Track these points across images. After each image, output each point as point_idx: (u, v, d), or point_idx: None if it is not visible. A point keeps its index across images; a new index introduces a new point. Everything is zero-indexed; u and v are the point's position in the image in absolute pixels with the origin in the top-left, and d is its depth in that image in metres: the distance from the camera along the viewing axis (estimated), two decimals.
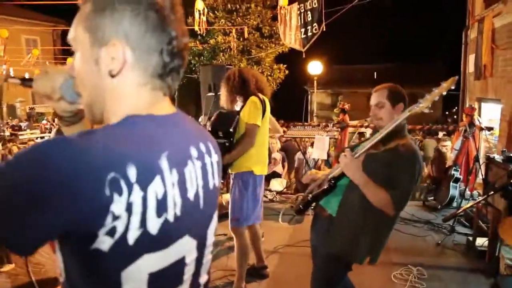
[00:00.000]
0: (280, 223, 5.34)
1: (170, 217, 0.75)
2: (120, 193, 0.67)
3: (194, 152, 0.86)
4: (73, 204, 0.64)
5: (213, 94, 4.74)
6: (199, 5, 9.24)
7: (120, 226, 0.68)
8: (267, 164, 3.60)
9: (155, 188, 0.72)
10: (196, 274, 0.90)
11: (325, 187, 2.22)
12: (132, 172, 0.69)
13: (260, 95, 3.37)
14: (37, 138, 14.32)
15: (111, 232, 0.68)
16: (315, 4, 7.21)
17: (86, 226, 0.67)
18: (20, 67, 18.74)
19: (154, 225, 0.72)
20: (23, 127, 18.31)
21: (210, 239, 0.93)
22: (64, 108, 1.07)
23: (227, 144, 3.31)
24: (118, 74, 0.78)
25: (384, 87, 2.32)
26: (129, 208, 0.68)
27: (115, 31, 0.77)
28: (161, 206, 0.73)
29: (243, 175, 3.36)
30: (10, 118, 22.51)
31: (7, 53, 14.98)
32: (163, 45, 0.79)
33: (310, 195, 2.33)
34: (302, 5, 7.44)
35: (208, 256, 0.94)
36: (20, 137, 13.88)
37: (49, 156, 0.65)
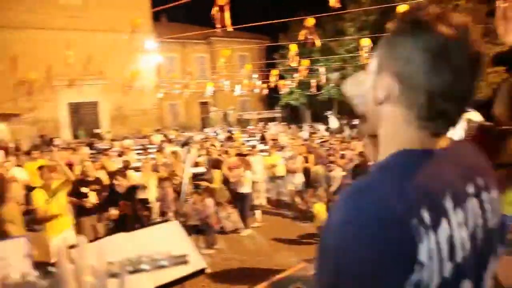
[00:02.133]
0: None
1: (459, 259, 0.71)
2: (422, 240, 0.64)
3: (471, 189, 0.80)
4: (390, 266, 0.63)
5: None
6: (402, 6, 9.01)
7: (425, 276, 0.65)
8: None
9: (444, 230, 0.69)
10: None
11: None
12: (426, 216, 0.66)
13: None
14: (246, 141, 16.40)
15: (417, 284, 0.65)
16: None
17: (395, 282, 0.64)
18: (235, 80, 21.72)
19: (448, 271, 0.69)
20: (233, 131, 21.17)
21: (486, 282, 0.84)
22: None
23: None
24: (383, 103, 0.79)
25: None
26: (430, 255, 0.65)
27: (390, 62, 0.77)
28: (451, 249, 0.70)
29: None
30: (224, 123, 26.32)
31: (225, 69, 17.54)
32: (435, 88, 0.73)
33: None
34: None
35: None
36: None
37: (357, 229, 0.65)
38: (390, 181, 0.70)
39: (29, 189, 6.98)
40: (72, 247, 1.99)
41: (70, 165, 9.17)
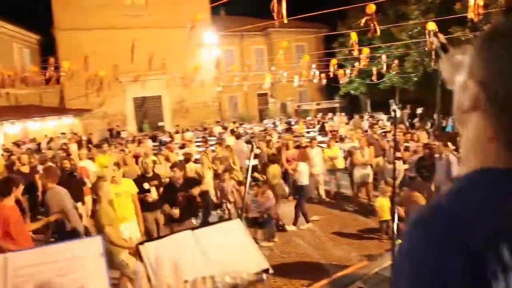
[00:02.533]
0: None
1: None
2: (497, 281, 0.55)
3: None
4: None
5: None
6: None
7: None
8: None
9: None
10: None
11: None
12: (506, 253, 0.57)
13: None
14: (306, 132, 16.26)
15: None
16: None
17: None
18: (293, 71, 21.54)
19: None
20: (292, 122, 21.05)
21: None
22: None
23: None
24: (467, 112, 0.70)
25: None
26: None
27: (478, 70, 0.68)
28: None
29: None
30: (282, 114, 26.25)
31: (283, 60, 17.42)
32: None
33: None
34: None
35: None
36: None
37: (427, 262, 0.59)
38: (467, 207, 0.62)
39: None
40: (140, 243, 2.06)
41: (136, 157, 9.67)
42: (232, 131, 16.21)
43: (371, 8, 10.10)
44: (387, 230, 6.40)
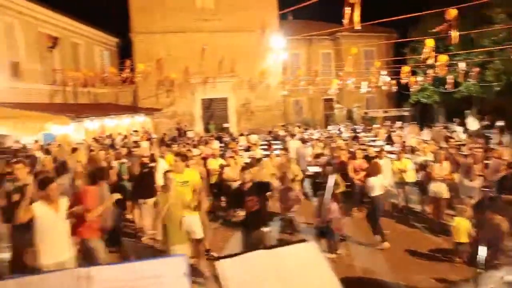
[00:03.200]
0: None
1: None
2: None
3: None
4: None
5: None
6: None
7: None
8: None
9: None
10: None
11: None
12: None
13: None
14: (370, 141, 15.67)
15: None
16: None
17: None
18: (361, 77, 20.99)
19: None
20: (357, 130, 20.45)
21: None
22: None
23: None
24: None
25: None
26: None
27: None
28: None
29: None
30: (347, 121, 25.62)
31: (351, 66, 17.01)
32: None
33: None
34: None
35: None
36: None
37: None
38: None
39: None
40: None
41: (205, 159, 9.91)
42: (295, 136, 16.13)
43: (452, 13, 9.51)
44: (462, 254, 5.97)
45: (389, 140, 14.93)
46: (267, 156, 11.97)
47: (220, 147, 17.24)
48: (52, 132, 14.90)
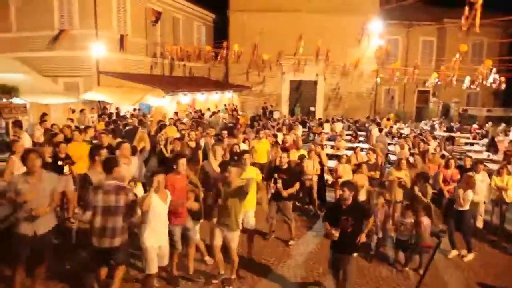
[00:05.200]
0: None
1: None
2: None
3: None
4: None
5: None
6: None
7: None
8: None
9: None
10: None
11: None
12: None
13: None
14: (469, 144, 14.37)
15: None
16: None
17: None
18: (465, 71, 19.08)
19: None
20: (454, 129, 18.91)
21: None
22: None
23: None
24: None
25: None
26: None
27: None
28: None
29: None
30: (443, 117, 23.75)
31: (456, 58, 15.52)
32: None
33: None
34: None
35: None
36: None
37: None
38: None
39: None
40: None
41: (286, 149, 9.82)
42: (382, 130, 15.40)
43: None
44: None
45: (491, 146, 13.54)
46: (351, 149, 11.58)
47: (304, 131, 17.16)
48: (149, 103, 16.03)
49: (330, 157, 11.24)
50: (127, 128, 11.99)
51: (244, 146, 9.47)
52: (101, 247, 4.33)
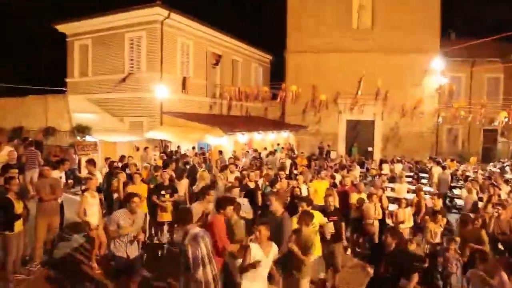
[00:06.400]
0: None
1: None
2: None
3: None
4: None
5: None
6: None
7: None
8: None
9: None
10: None
11: None
12: None
13: None
14: None
15: None
16: None
17: None
18: None
19: None
20: None
21: None
22: None
23: None
24: None
25: None
26: None
27: None
28: None
29: None
30: None
31: None
32: None
33: None
34: None
35: None
36: None
37: None
38: None
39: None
40: None
41: (345, 191, 9.57)
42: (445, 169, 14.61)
43: None
44: None
45: None
46: (412, 191, 11.05)
47: (361, 172, 16.69)
48: (208, 142, 16.50)
49: (391, 200, 10.81)
50: (188, 166, 12.41)
51: (304, 188, 9.40)
52: None
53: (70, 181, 10.11)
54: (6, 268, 6.09)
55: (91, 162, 9.51)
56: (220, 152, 15.42)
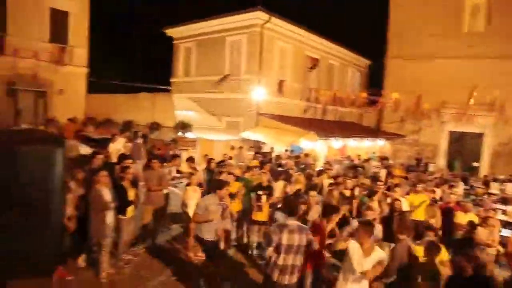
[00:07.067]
0: None
1: None
2: None
3: None
4: None
5: None
6: None
7: None
8: None
9: None
10: None
11: None
12: None
13: None
14: None
15: None
16: None
17: None
18: None
19: None
20: None
21: None
22: None
23: None
24: None
25: None
26: None
27: None
28: None
29: None
30: None
31: None
32: None
33: None
34: None
35: None
36: None
37: None
38: None
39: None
40: None
41: (448, 209, 8.79)
42: None
43: None
44: None
45: None
46: None
47: (465, 189, 15.20)
48: (301, 145, 16.44)
49: (503, 225, 9.67)
50: (281, 169, 12.45)
51: (404, 201, 8.84)
52: (281, 283, 4.48)
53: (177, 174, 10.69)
54: (118, 248, 6.67)
55: (191, 159, 10.03)
56: (306, 155, 15.24)
